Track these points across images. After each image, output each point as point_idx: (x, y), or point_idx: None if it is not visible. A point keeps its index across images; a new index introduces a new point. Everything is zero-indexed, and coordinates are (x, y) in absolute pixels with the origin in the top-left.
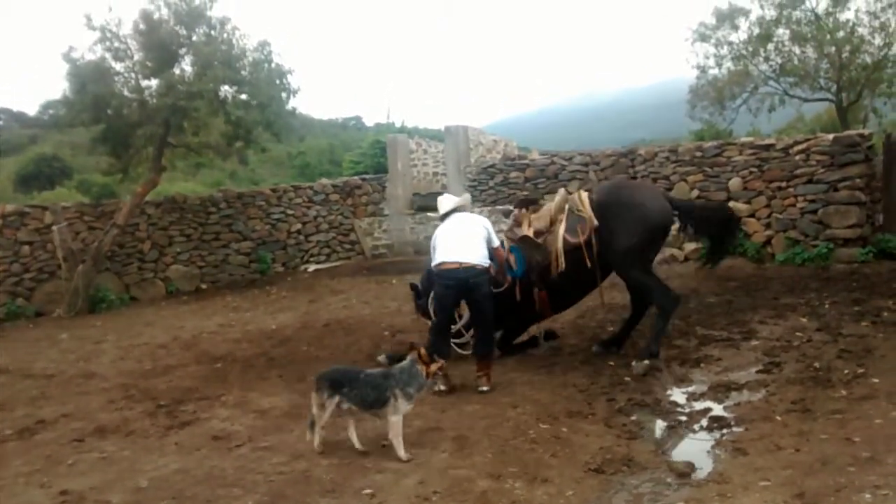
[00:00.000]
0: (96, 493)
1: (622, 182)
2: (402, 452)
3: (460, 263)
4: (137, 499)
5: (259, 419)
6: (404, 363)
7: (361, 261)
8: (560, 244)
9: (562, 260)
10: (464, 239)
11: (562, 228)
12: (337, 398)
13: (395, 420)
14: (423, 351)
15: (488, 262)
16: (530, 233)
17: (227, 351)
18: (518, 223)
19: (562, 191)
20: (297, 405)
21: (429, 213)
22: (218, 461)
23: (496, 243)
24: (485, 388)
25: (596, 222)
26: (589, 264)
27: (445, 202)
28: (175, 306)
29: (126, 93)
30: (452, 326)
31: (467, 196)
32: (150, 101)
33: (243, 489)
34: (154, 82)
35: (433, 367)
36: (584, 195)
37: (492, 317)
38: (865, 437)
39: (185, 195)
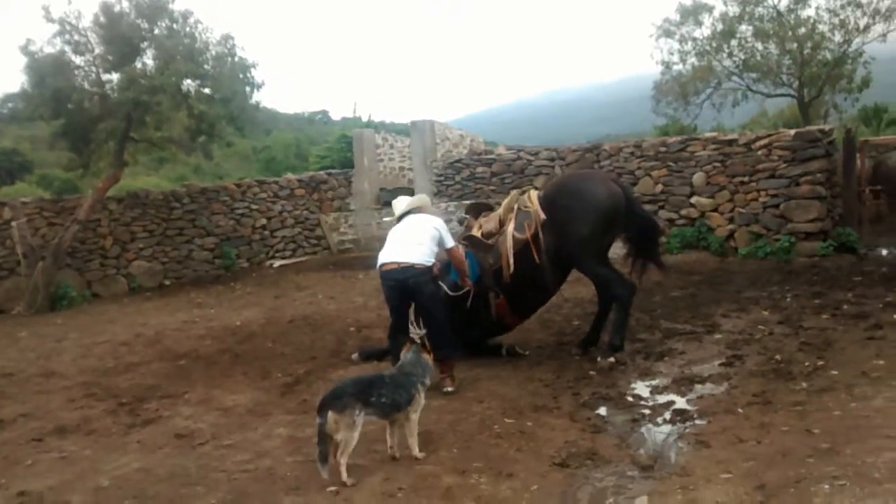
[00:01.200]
0: (55, 493)
1: (569, 174)
2: (418, 451)
3: (398, 263)
4: (98, 499)
5: (223, 417)
6: (409, 356)
7: (327, 256)
8: (509, 243)
9: (511, 259)
10: (407, 239)
11: (511, 227)
12: (365, 412)
13: (416, 417)
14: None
15: (430, 261)
16: (478, 234)
17: (191, 348)
18: (469, 228)
19: (513, 192)
20: (262, 402)
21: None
22: (181, 459)
23: (450, 244)
24: (449, 389)
25: (543, 216)
26: (538, 261)
27: (398, 204)
28: (138, 303)
29: (86, 87)
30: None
31: (423, 197)
32: (112, 95)
33: (206, 487)
34: (115, 76)
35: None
36: (534, 193)
37: (442, 317)
38: (825, 429)
39: (147, 190)
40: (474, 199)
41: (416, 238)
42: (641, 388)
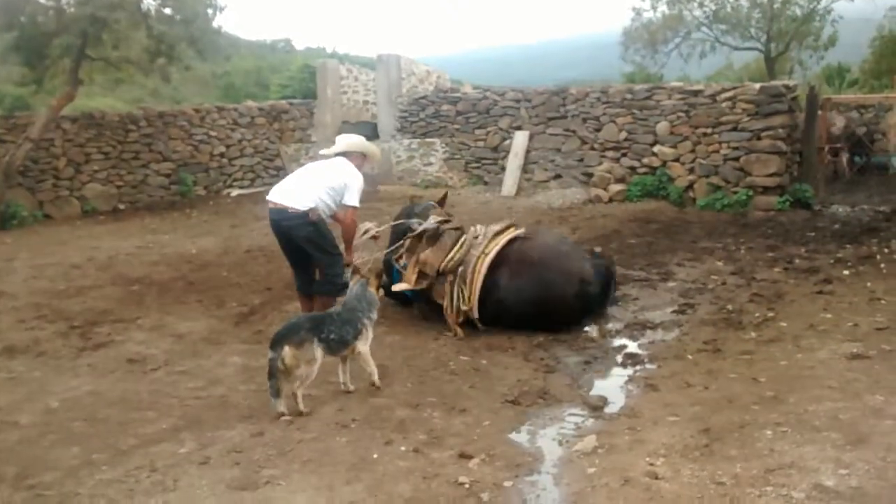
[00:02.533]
0: (3, 413)
1: (550, 248)
2: (377, 379)
3: (275, 203)
4: (47, 419)
5: (176, 343)
6: (355, 290)
7: None
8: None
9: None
10: (301, 181)
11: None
12: (322, 347)
13: (366, 350)
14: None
15: (308, 206)
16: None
17: (144, 274)
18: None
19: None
20: (216, 330)
21: None
22: (132, 384)
23: (348, 202)
24: None
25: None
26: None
27: (338, 143)
28: (91, 226)
29: None
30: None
31: (370, 146)
32: (68, 9)
33: (158, 412)
34: None
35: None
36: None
37: (328, 257)
38: (770, 378)
39: (103, 111)
40: (438, 136)
41: (311, 181)
42: (595, 332)
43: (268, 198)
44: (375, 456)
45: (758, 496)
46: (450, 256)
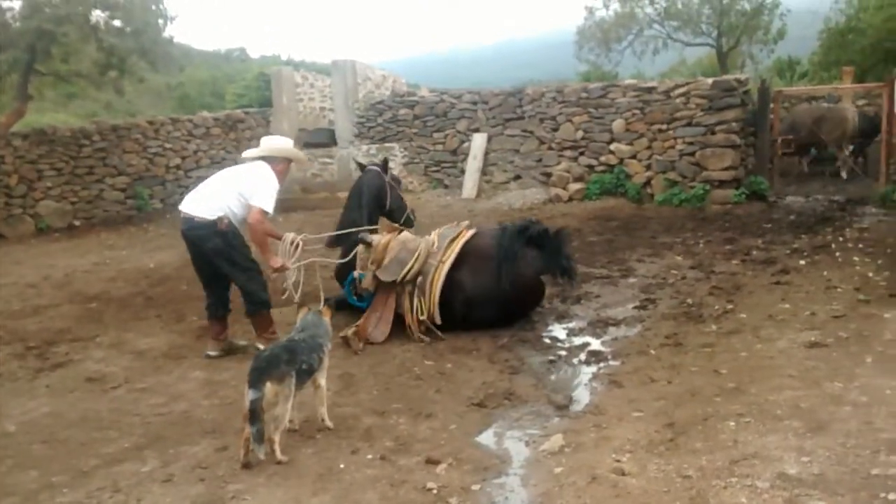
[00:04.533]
0: None
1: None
2: (328, 418)
3: (183, 213)
4: (4, 443)
5: (136, 360)
6: (309, 318)
7: None
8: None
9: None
10: (210, 188)
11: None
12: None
13: (324, 383)
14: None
15: (216, 215)
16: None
17: (102, 290)
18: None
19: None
20: (177, 345)
21: (315, 150)
22: (92, 403)
23: (255, 203)
24: (259, 346)
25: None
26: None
27: (262, 145)
28: (46, 244)
29: None
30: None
31: (290, 150)
32: (13, 23)
33: (119, 431)
34: (17, 3)
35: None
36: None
37: (241, 272)
38: (732, 369)
39: (54, 126)
40: (397, 141)
41: (220, 187)
42: (558, 331)
43: (179, 206)
44: (342, 465)
45: (723, 487)
46: (408, 268)
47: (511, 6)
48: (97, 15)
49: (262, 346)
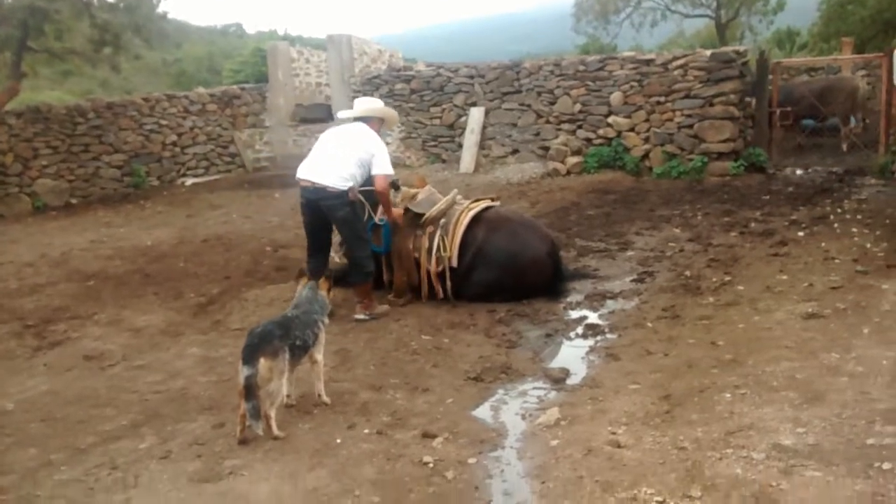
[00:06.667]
0: None
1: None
2: (325, 394)
3: (313, 182)
4: (3, 422)
5: (133, 338)
6: (306, 293)
7: (242, 174)
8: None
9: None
10: (330, 156)
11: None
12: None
13: (322, 359)
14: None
15: (347, 185)
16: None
17: (100, 268)
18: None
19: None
20: (174, 322)
21: (311, 126)
22: (90, 381)
23: (378, 171)
24: (359, 317)
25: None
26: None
27: (356, 107)
28: (42, 222)
29: None
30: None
31: (388, 110)
32: (5, 0)
33: (117, 409)
34: None
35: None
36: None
37: (359, 242)
38: (729, 341)
39: (49, 104)
40: None
41: (340, 156)
42: (555, 305)
43: (299, 175)
44: (339, 440)
45: (718, 459)
46: (436, 208)
47: None
48: None
49: (363, 317)
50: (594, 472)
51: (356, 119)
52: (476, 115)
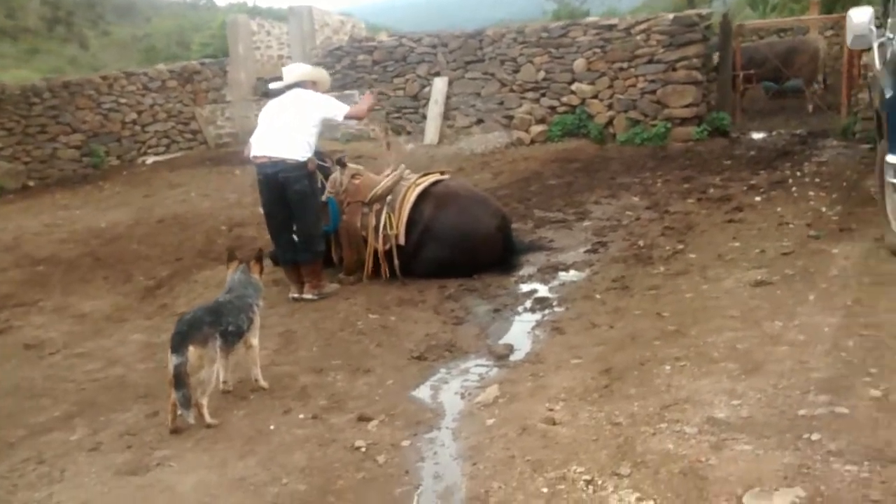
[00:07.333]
0: None
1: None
2: (262, 378)
3: (269, 157)
4: None
5: (77, 324)
6: (238, 276)
7: (204, 151)
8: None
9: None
10: (280, 128)
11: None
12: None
13: (258, 343)
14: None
15: (306, 155)
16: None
17: (51, 252)
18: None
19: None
20: (120, 308)
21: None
22: (28, 371)
23: (340, 118)
24: (307, 296)
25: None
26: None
27: (289, 73)
28: None
29: None
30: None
31: (321, 71)
32: None
33: (52, 399)
34: None
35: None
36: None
37: (312, 217)
38: (674, 311)
39: (3, 84)
40: (356, 88)
41: (292, 125)
42: (507, 279)
43: (254, 153)
44: (272, 427)
45: (651, 434)
46: (381, 185)
47: None
48: None
49: (311, 297)
50: (526, 451)
51: (289, 87)
52: (439, 86)
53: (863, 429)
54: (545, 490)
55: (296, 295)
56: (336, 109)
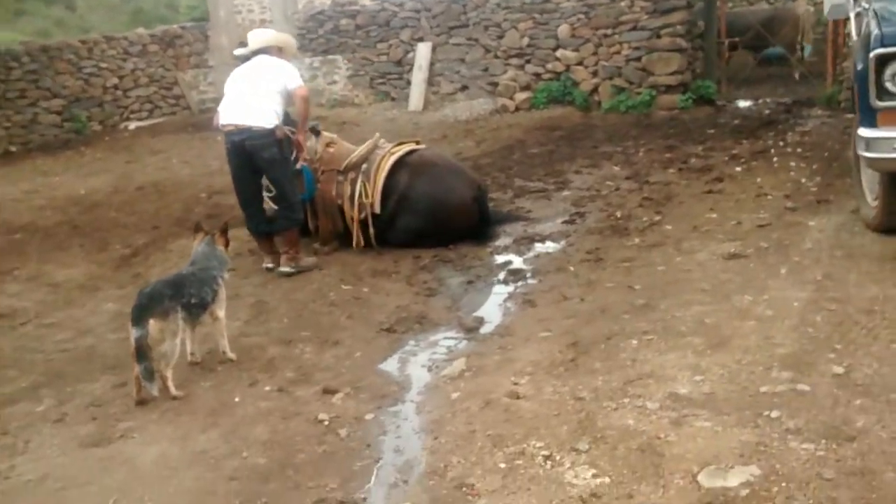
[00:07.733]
0: None
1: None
2: (230, 350)
3: (236, 125)
4: None
5: (51, 294)
6: (202, 248)
7: (188, 116)
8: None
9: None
10: (249, 93)
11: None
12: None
13: (223, 315)
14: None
15: (273, 122)
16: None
17: (29, 220)
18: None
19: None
20: (95, 276)
21: None
22: None
23: (294, 85)
24: (285, 269)
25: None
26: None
27: (252, 41)
28: None
29: None
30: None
31: (286, 37)
32: None
33: (20, 370)
34: None
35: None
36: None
37: (285, 184)
38: (646, 284)
39: None
40: (340, 53)
41: (259, 91)
42: (482, 249)
43: (221, 122)
44: (237, 399)
45: (613, 409)
46: (356, 153)
47: None
48: None
49: (288, 270)
50: (488, 425)
51: (255, 53)
52: (423, 51)
53: (822, 406)
54: (503, 465)
55: (270, 265)
56: (292, 80)
